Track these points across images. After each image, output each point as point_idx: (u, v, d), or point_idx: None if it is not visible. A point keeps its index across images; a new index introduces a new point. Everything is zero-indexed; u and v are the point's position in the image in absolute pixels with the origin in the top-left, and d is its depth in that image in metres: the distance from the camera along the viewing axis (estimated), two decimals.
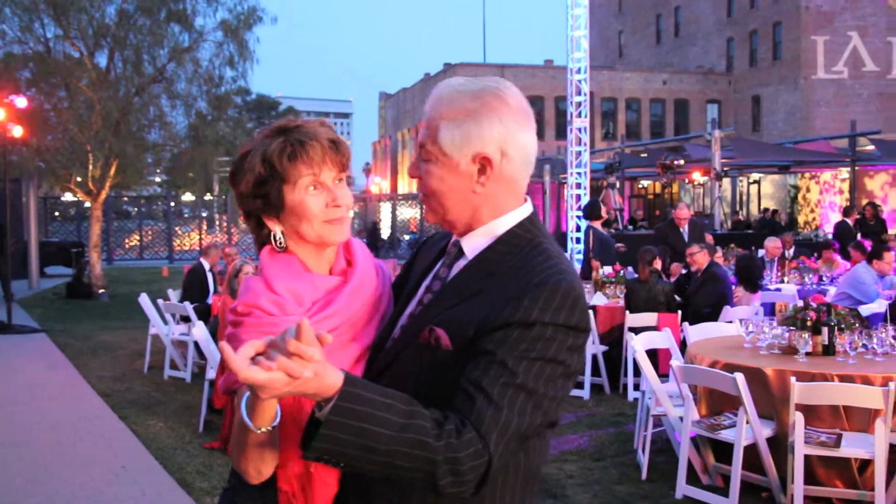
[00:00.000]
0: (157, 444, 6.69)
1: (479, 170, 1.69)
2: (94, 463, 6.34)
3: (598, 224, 11.16)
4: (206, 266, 10.12)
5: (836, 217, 27.03)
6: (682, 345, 6.62)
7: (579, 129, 15.73)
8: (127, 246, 30.72)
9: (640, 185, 38.22)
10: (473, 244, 1.74)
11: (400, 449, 1.44)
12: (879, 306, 7.84)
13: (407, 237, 32.01)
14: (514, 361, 1.54)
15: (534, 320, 1.55)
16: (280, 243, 1.83)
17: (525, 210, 1.76)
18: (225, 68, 18.27)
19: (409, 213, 33.31)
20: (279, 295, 1.74)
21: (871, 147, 22.90)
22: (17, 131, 14.82)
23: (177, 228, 30.88)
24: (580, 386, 7.96)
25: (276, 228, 1.82)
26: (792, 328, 5.52)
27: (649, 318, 7.87)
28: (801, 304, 5.89)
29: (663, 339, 6.57)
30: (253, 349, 1.39)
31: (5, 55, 17.26)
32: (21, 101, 14.74)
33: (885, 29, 40.37)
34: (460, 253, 1.76)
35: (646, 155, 28.47)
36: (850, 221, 17.59)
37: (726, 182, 28.66)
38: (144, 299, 9.58)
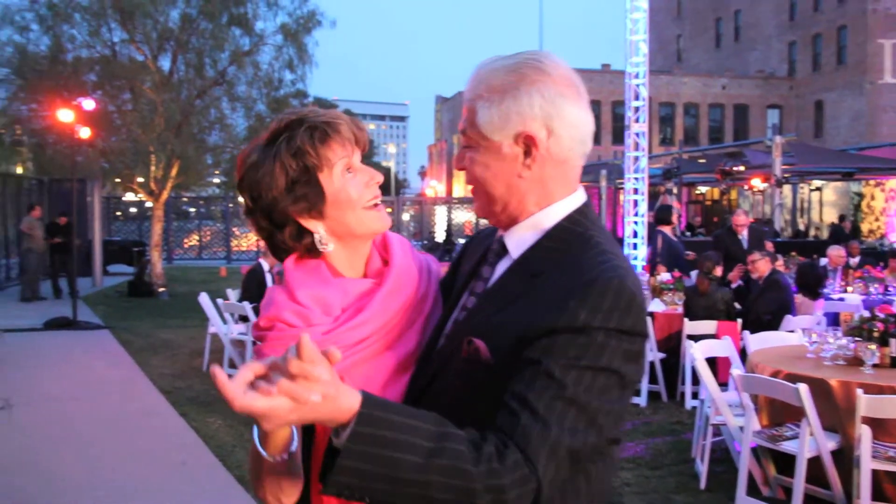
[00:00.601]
0: (216, 441, 6.80)
1: (524, 151, 1.51)
2: (154, 458, 6.46)
3: (667, 230, 11.03)
4: (266, 267, 10.25)
5: None
6: (742, 353, 6.53)
7: (637, 134, 15.59)
8: (186, 246, 31.29)
9: (698, 192, 37.74)
10: (518, 240, 1.56)
11: (432, 478, 1.25)
12: None
13: (462, 241, 32.06)
14: (563, 371, 1.35)
15: (583, 324, 1.37)
16: (325, 245, 1.65)
17: (576, 199, 1.57)
18: (284, 71, 18.58)
19: (464, 216, 33.34)
20: (302, 305, 1.58)
21: None
22: (85, 133, 15.21)
23: (234, 229, 31.33)
24: (637, 393, 7.89)
25: (320, 228, 1.64)
26: (858, 339, 5.40)
27: (708, 325, 7.77)
28: (867, 314, 5.76)
29: (723, 348, 6.48)
30: (251, 373, 1.20)
31: (74, 59, 17.71)
32: (89, 104, 15.12)
33: None
34: (503, 250, 1.59)
35: (704, 161, 28.09)
36: None
37: (787, 189, 28.16)
38: (204, 298, 9.75)
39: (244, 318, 9.45)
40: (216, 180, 25.51)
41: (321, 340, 1.52)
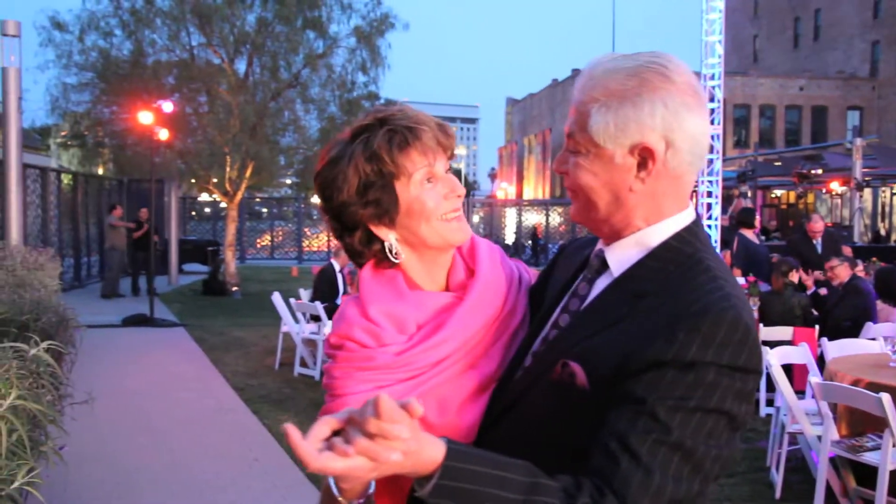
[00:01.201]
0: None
1: (639, 163, 1.39)
2: (227, 454, 6.58)
3: (749, 233, 10.80)
4: (337, 267, 10.37)
5: None
6: (819, 360, 6.36)
7: (712, 137, 15.34)
8: (258, 245, 31.85)
9: (773, 195, 36.91)
10: (620, 257, 1.45)
11: None
12: None
13: (530, 242, 31.96)
14: (668, 413, 1.24)
15: (692, 360, 1.25)
16: (396, 254, 1.56)
17: (686, 217, 1.44)
18: (357, 74, 18.77)
19: (534, 218, 33.24)
20: (374, 323, 1.49)
21: None
22: (163, 134, 15.62)
23: (306, 229, 31.75)
24: None
25: (390, 237, 1.55)
26: None
27: (784, 331, 7.60)
28: None
29: (800, 354, 6.33)
30: (328, 428, 1.12)
31: (154, 63, 18.19)
32: (168, 106, 15.52)
33: None
34: (604, 266, 1.48)
35: (780, 163, 27.52)
36: None
37: (867, 193, 27.36)
38: (277, 298, 9.90)
39: (316, 318, 9.57)
40: (289, 181, 25.93)
41: (393, 362, 1.47)
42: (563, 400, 1.36)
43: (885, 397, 4.58)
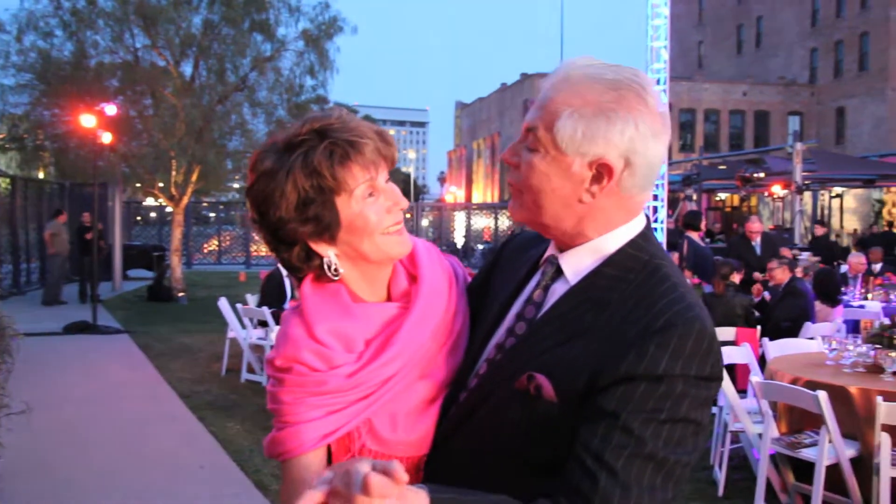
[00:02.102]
0: (234, 445, 6.83)
1: (593, 177, 1.38)
2: (173, 462, 6.50)
3: (695, 235, 10.97)
4: (284, 272, 10.28)
5: None
6: (761, 360, 6.49)
7: None
8: (205, 250, 31.45)
9: (718, 198, 37.57)
10: (576, 265, 1.43)
11: None
12: None
13: (481, 246, 32.06)
14: (641, 426, 1.26)
15: (663, 373, 1.27)
16: (335, 271, 1.50)
17: (638, 224, 1.45)
18: (305, 77, 18.66)
19: (483, 222, 33.36)
20: (323, 344, 1.44)
21: None
22: (107, 138, 15.35)
23: (254, 234, 31.42)
24: None
25: (330, 253, 1.49)
26: (878, 346, 5.36)
27: (727, 332, 7.72)
28: (887, 321, 5.72)
29: (742, 354, 6.45)
30: (318, 497, 1.08)
31: (96, 65, 17.88)
32: (111, 109, 15.27)
33: None
34: (559, 273, 1.45)
35: (724, 167, 27.97)
36: None
37: (807, 196, 27.98)
38: (224, 303, 9.80)
39: (263, 323, 9.49)
40: (236, 185, 25.68)
41: (345, 384, 1.43)
42: (527, 411, 1.35)
43: (822, 395, 4.69)
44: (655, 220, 15.44)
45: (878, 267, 12.99)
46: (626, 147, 1.36)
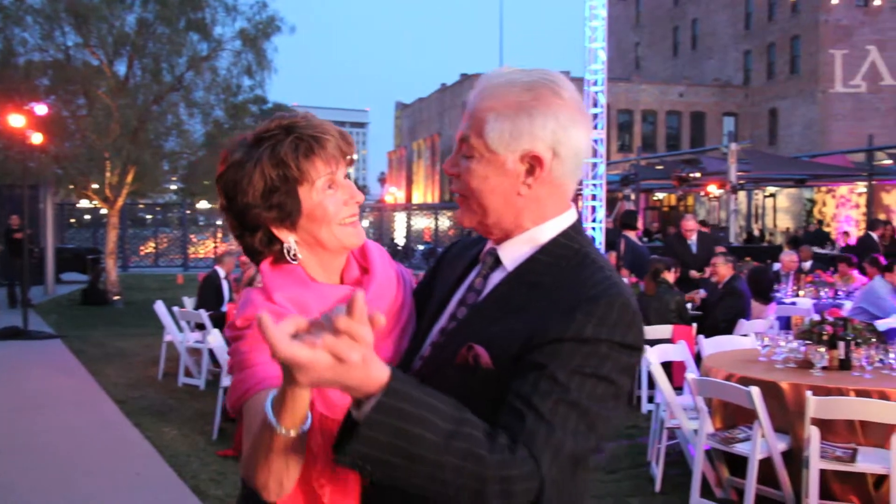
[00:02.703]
0: (171, 451, 6.71)
1: (527, 170, 1.52)
2: (108, 469, 6.36)
3: (632, 234, 11.11)
4: (222, 273, 10.16)
5: (854, 231, 26.95)
6: (697, 357, 6.60)
7: (595, 141, 15.73)
8: (142, 253, 30.91)
9: (656, 198, 38.16)
10: (513, 254, 1.58)
11: (448, 459, 1.27)
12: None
13: (421, 247, 32.04)
14: (567, 376, 1.39)
15: (588, 336, 1.41)
16: (294, 256, 1.65)
17: (569, 217, 1.60)
18: (242, 77, 18.45)
19: (423, 222, 33.37)
20: (280, 305, 1.57)
21: (889, 161, 22.79)
22: (37, 138, 14.96)
23: (192, 236, 31.01)
24: None
25: (290, 239, 1.65)
26: (808, 342, 5.49)
27: (663, 330, 7.85)
28: (817, 318, 5.86)
29: (678, 352, 6.56)
30: (294, 326, 1.19)
31: (25, 63, 17.43)
32: (41, 109, 14.90)
33: None
34: (497, 263, 1.60)
35: (661, 167, 28.42)
36: (875, 235, 16.98)
37: (742, 195, 28.59)
38: (160, 306, 9.63)
39: (200, 326, 9.35)
40: (173, 187, 25.27)
41: None
42: (466, 381, 1.46)
43: (755, 390, 4.79)
44: (594, 220, 15.60)
45: (807, 265, 13.32)
46: (550, 138, 1.51)
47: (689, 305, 8.65)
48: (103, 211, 20.38)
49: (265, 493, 1.43)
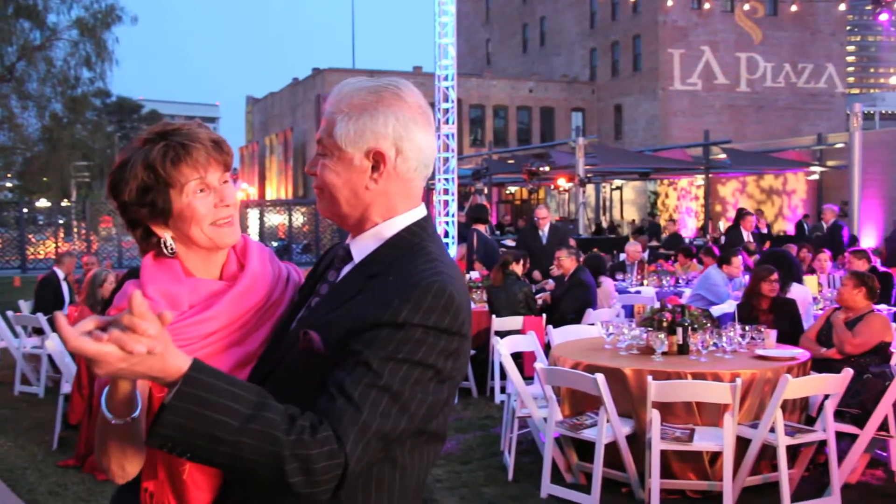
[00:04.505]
0: (5, 464, 6.33)
1: (372, 166, 1.68)
2: None
3: (482, 228, 11.27)
4: (61, 275, 9.67)
5: (694, 222, 28.36)
6: (547, 347, 6.76)
7: (447, 136, 15.88)
8: None
9: (508, 192, 38.94)
10: (361, 247, 1.72)
11: (246, 440, 1.40)
12: (729, 307, 8.24)
13: (275, 244, 31.50)
14: (380, 362, 1.50)
15: (403, 321, 1.52)
16: (171, 249, 1.80)
17: (417, 213, 1.74)
18: (81, 69, 17.67)
19: (277, 219, 32.80)
20: (150, 299, 1.68)
21: (723, 156, 24.08)
22: None
23: (30, 236, 29.29)
24: None
25: (166, 235, 1.80)
26: (649, 329, 5.72)
27: (515, 321, 8.00)
28: (658, 305, 6.12)
29: (528, 343, 6.70)
30: (92, 323, 1.34)
31: None
32: None
33: (733, 45, 42.58)
34: (349, 256, 1.74)
35: (513, 161, 29.03)
36: (744, 228, 16.84)
37: (590, 188, 29.53)
38: None
39: (38, 331, 8.86)
40: (9, 184, 23.86)
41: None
42: (306, 365, 1.60)
43: (600, 377, 4.95)
44: (447, 214, 15.76)
45: (645, 255, 13.88)
46: (392, 136, 1.67)
47: (539, 302, 8.85)
48: None
49: (111, 476, 1.63)
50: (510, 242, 16.53)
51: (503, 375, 7.15)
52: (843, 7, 36.09)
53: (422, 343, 1.52)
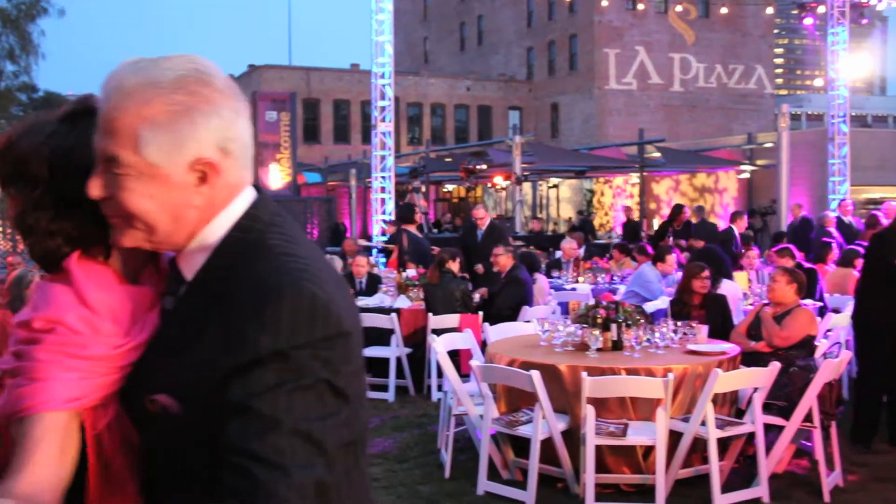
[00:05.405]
0: None
1: (199, 178, 1.35)
2: None
3: (412, 227, 11.29)
4: None
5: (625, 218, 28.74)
6: (484, 345, 6.78)
7: (384, 134, 15.85)
8: None
9: (446, 190, 38.95)
10: (191, 263, 1.40)
11: None
12: (662, 303, 8.37)
13: None
14: (270, 406, 1.22)
15: (271, 352, 1.24)
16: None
17: (243, 201, 1.41)
18: (5, 62, 17.13)
19: None
20: (93, 310, 1.40)
21: (657, 154, 24.48)
22: None
23: None
24: (384, 389, 7.99)
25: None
26: (584, 325, 5.78)
27: (452, 319, 8.02)
28: (592, 302, 6.18)
29: (464, 340, 6.71)
30: None
31: None
32: None
33: (667, 45, 43.32)
34: (180, 275, 1.41)
35: (450, 159, 29.04)
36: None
37: (527, 186, 29.72)
38: None
39: None
40: None
41: (107, 356, 1.38)
42: (167, 429, 1.32)
43: (535, 374, 4.99)
44: (384, 213, 15.72)
45: (581, 252, 14.03)
46: (217, 138, 1.34)
47: (476, 297, 8.88)
48: None
49: None
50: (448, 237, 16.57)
51: (440, 373, 7.15)
52: (770, 10, 37.00)
53: (301, 364, 1.25)
